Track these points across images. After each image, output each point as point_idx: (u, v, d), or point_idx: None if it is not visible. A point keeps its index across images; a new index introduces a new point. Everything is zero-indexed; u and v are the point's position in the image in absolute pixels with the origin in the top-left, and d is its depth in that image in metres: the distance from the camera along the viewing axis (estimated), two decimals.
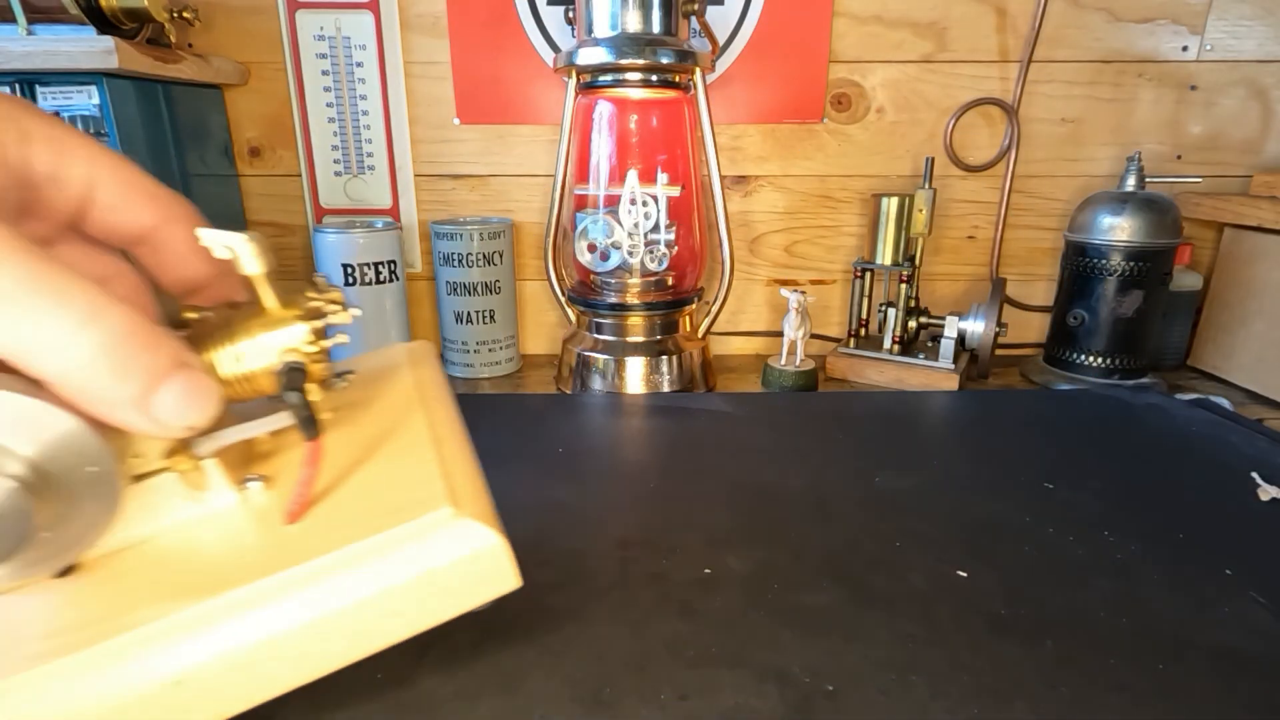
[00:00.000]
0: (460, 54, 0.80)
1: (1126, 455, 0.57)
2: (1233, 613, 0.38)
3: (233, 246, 0.24)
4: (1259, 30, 0.79)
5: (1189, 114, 0.82)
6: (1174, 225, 0.72)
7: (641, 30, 0.67)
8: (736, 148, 0.84)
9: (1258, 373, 0.76)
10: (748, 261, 0.88)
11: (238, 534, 0.26)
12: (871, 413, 0.66)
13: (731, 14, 0.79)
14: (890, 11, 0.79)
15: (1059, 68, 0.80)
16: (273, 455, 0.30)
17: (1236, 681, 0.33)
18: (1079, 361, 0.77)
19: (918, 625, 0.28)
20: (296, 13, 0.78)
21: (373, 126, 0.82)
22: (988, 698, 0.32)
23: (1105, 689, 0.32)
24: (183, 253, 0.26)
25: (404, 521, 0.25)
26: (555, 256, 0.79)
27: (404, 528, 0.25)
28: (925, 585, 0.39)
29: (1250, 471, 0.53)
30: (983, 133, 0.83)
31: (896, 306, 0.78)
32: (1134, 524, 0.46)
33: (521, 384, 0.80)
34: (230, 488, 0.27)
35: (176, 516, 0.27)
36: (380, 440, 0.30)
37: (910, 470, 0.54)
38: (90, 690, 0.22)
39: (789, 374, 0.75)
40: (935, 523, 0.46)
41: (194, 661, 0.23)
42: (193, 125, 0.76)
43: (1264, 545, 0.44)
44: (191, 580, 0.24)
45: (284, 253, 0.86)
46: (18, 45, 0.61)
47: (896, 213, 0.75)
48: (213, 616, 0.23)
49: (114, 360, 0.20)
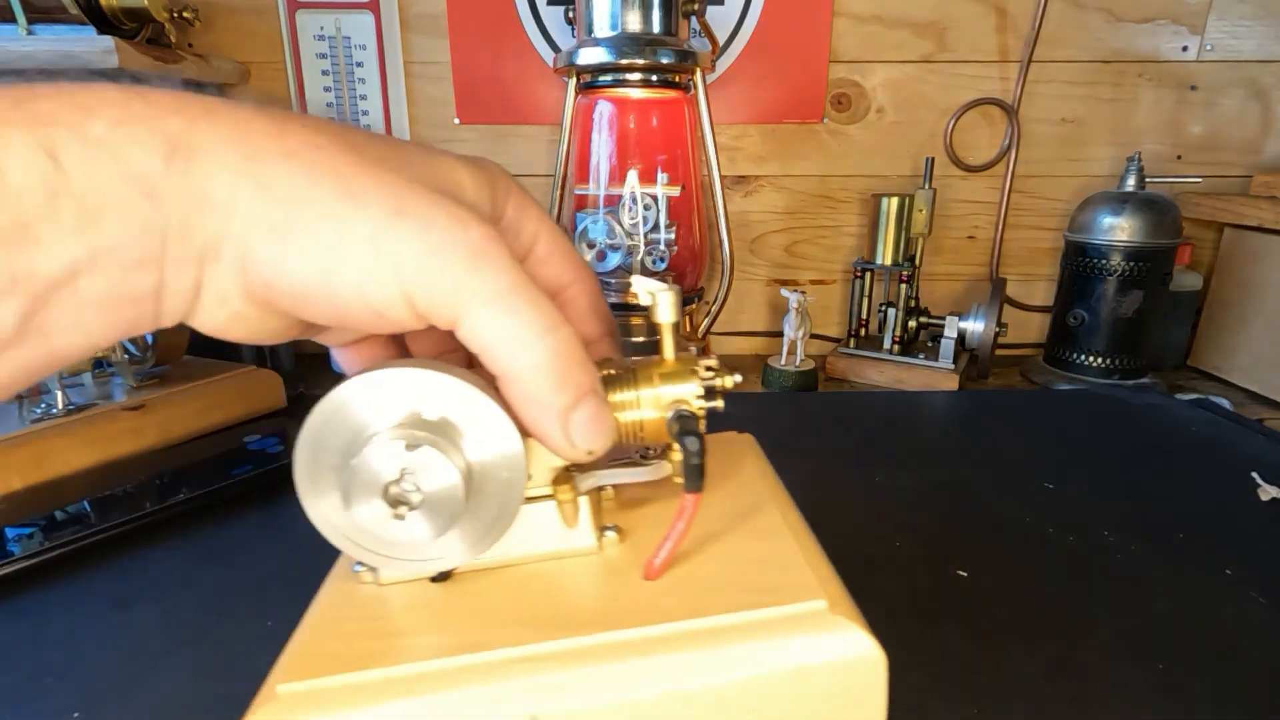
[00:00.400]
0: (460, 54, 0.80)
1: (1126, 455, 0.57)
2: (1233, 613, 0.38)
3: (655, 294, 0.27)
4: (1259, 30, 0.79)
5: (1189, 114, 0.82)
6: (1174, 225, 0.72)
7: (641, 30, 0.67)
8: (736, 148, 0.84)
9: (1258, 373, 0.76)
10: (748, 261, 0.88)
11: (594, 579, 0.27)
12: (871, 413, 0.66)
13: (731, 14, 0.79)
14: (890, 11, 0.79)
15: (1059, 68, 0.80)
16: (616, 510, 0.30)
17: (1236, 681, 0.33)
18: (1079, 361, 0.77)
19: (917, 625, 0.28)
20: (296, 13, 0.78)
21: (373, 126, 0.82)
22: (987, 697, 0.32)
23: (1105, 688, 0.32)
24: (582, 312, 0.30)
25: (774, 605, 0.24)
26: None
27: (775, 610, 0.24)
28: (925, 584, 0.40)
29: (1250, 471, 0.53)
30: (983, 133, 0.83)
31: (896, 306, 0.78)
32: (1134, 524, 0.46)
33: None
34: (592, 531, 0.28)
35: (543, 547, 0.28)
36: (733, 517, 0.29)
37: (910, 471, 0.54)
38: (449, 703, 0.22)
39: (789, 374, 0.75)
40: (935, 522, 0.46)
41: (548, 696, 0.22)
42: None
43: (1264, 545, 0.44)
44: (550, 615, 0.24)
45: None
46: (18, 45, 0.61)
47: (896, 213, 0.75)
48: (571, 658, 0.23)
49: (557, 369, 0.22)
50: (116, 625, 0.37)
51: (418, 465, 0.23)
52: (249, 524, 0.46)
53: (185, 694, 0.32)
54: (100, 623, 0.37)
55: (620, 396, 0.28)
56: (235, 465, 0.51)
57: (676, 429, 0.26)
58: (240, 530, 0.45)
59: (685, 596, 0.25)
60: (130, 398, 0.57)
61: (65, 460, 0.51)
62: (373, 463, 0.23)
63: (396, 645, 0.23)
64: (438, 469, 0.23)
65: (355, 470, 0.23)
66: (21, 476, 0.49)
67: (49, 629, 0.36)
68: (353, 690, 0.22)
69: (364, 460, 0.23)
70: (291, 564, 0.42)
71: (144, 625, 0.37)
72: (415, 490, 0.23)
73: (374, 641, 0.23)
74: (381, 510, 0.23)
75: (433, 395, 0.24)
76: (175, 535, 0.45)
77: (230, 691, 0.32)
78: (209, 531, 0.45)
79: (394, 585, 0.27)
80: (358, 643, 0.23)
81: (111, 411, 0.55)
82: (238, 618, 0.37)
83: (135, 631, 0.36)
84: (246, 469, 0.50)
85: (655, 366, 0.28)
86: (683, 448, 0.25)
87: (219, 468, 0.51)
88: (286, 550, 0.43)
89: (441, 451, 0.23)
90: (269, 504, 0.49)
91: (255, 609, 0.38)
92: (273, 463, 0.51)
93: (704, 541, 0.27)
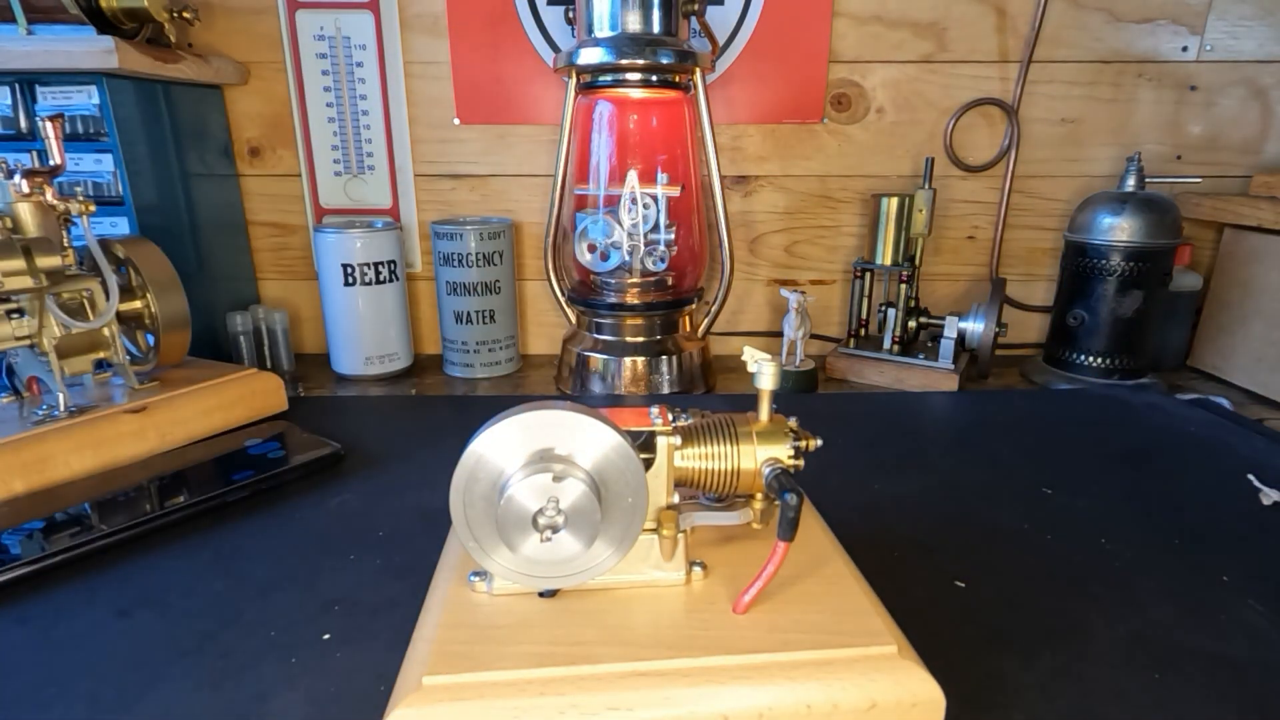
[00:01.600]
0: (460, 54, 0.80)
1: (1126, 456, 0.57)
2: (1229, 620, 0.38)
3: (760, 363, 0.31)
4: (1259, 30, 0.78)
5: (1189, 114, 0.82)
6: (1174, 225, 0.72)
7: (641, 30, 0.67)
8: (736, 148, 0.83)
9: (1257, 373, 0.76)
10: (748, 261, 0.88)
11: (684, 608, 0.30)
12: (871, 413, 0.67)
13: (731, 14, 0.79)
14: (890, 11, 0.79)
15: (1059, 68, 0.80)
16: (697, 547, 0.34)
17: (1232, 690, 0.33)
18: (1079, 361, 0.77)
19: (915, 636, 0.29)
20: (296, 13, 0.78)
21: (373, 126, 0.82)
22: (985, 708, 0.32)
23: (1102, 699, 0.32)
24: None
25: (850, 646, 0.27)
26: (555, 256, 0.79)
27: (851, 651, 0.27)
28: (923, 595, 0.40)
29: (1248, 474, 0.53)
30: (983, 133, 0.83)
31: (896, 307, 0.78)
32: (1132, 530, 0.46)
33: (521, 384, 0.80)
34: (683, 565, 0.31)
35: (640, 576, 0.31)
36: (804, 565, 0.32)
37: (909, 476, 0.54)
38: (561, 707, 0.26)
39: (789, 374, 0.75)
40: (934, 531, 0.46)
41: (649, 710, 0.26)
42: (193, 125, 0.76)
43: (1261, 551, 0.44)
44: (649, 637, 0.28)
45: (284, 253, 0.86)
46: (18, 45, 0.61)
47: (896, 213, 0.75)
48: (671, 677, 0.26)
49: None
50: (119, 634, 0.37)
51: (559, 492, 0.27)
52: (250, 530, 0.46)
53: (189, 704, 0.32)
54: (103, 631, 0.37)
55: (716, 448, 0.31)
56: (236, 470, 0.51)
57: (776, 484, 0.29)
58: (241, 538, 0.45)
59: (769, 632, 0.28)
60: (132, 400, 0.57)
61: (67, 463, 0.51)
62: (520, 499, 0.27)
63: (515, 651, 0.27)
64: (576, 492, 0.27)
65: (506, 509, 0.27)
66: (24, 479, 0.49)
67: (53, 637, 0.36)
68: (481, 687, 0.26)
69: (512, 499, 0.27)
70: (293, 572, 0.42)
71: (147, 634, 0.37)
72: (558, 514, 0.27)
73: (495, 646, 0.27)
74: (534, 538, 0.28)
75: (557, 431, 0.28)
76: (176, 541, 0.45)
77: (233, 701, 0.32)
78: (210, 537, 0.45)
79: (505, 596, 0.30)
80: (480, 647, 0.27)
81: (113, 414, 0.55)
82: (241, 626, 0.37)
83: (138, 640, 0.36)
84: (248, 474, 0.50)
85: (752, 424, 0.32)
86: (782, 501, 0.28)
87: (220, 473, 0.51)
88: (288, 557, 0.43)
89: (577, 478, 0.27)
90: (270, 509, 0.49)
91: (258, 618, 0.38)
92: (273, 468, 0.52)
93: (781, 585, 0.31)
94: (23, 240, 0.51)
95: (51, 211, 0.53)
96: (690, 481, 0.32)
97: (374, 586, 0.41)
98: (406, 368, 0.81)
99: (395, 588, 0.40)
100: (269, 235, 0.86)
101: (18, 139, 0.66)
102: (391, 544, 0.45)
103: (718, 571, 0.32)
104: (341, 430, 0.60)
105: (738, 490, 0.32)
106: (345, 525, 0.47)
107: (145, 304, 0.60)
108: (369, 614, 0.38)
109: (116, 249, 0.59)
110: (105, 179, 0.67)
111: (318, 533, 0.46)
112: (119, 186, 0.67)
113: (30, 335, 0.53)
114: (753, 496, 0.33)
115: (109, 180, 0.67)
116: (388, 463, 0.56)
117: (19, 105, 0.65)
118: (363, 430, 0.62)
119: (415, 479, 0.53)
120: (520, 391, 0.78)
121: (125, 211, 0.68)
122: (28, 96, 0.65)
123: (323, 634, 0.37)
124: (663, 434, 0.31)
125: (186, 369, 0.64)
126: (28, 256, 0.50)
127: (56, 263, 0.52)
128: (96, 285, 0.56)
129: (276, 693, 0.33)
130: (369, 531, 0.46)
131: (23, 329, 0.52)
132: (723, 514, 0.32)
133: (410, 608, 0.31)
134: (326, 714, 0.31)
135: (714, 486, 0.32)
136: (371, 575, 0.42)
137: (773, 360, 0.31)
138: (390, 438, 0.61)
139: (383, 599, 0.39)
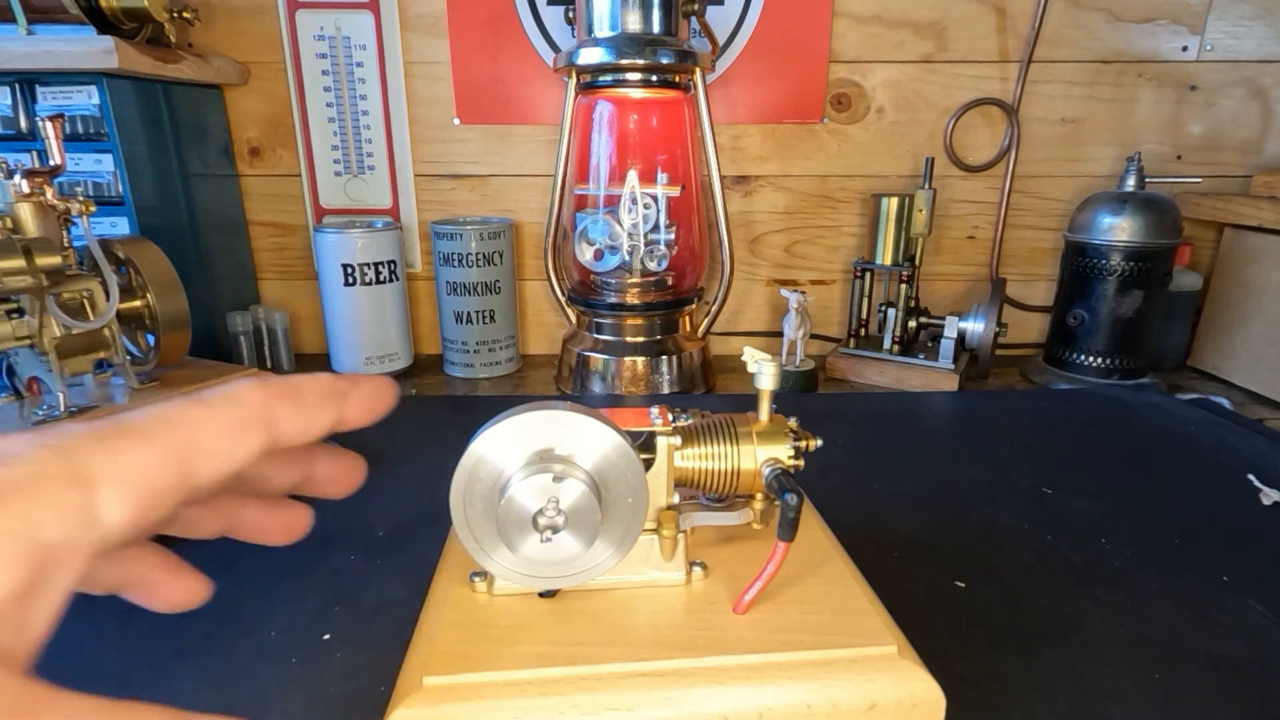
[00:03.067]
0: (460, 54, 0.80)
1: (1126, 456, 0.57)
2: (1229, 620, 0.38)
3: (760, 363, 0.30)
4: (1259, 30, 0.78)
5: (1189, 114, 0.82)
6: (1174, 225, 0.72)
7: (641, 30, 0.67)
8: (736, 148, 0.83)
9: (1258, 373, 0.76)
10: (748, 261, 0.88)
11: (684, 608, 0.30)
12: (871, 413, 0.67)
13: (731, 14, 0.79)
14: (890, 11, 0.79)
15: (1059, 68, 0.80)
16: (697, 548, 0.34)
17: (1232, 690, 0.33)
18: (1079, 361, 0.77)
19: (915, 636, 0.29)
20: (296, 13, 0.78)
21: (373, 126, 0.82)
22: (985, 709, 0.32)
23: (1101, 699, 0.32)
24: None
25: (850, 646, 0.27)
26: (555, 256, 0.79)
27: (851, 651, 0.27)
28: (923, 595, 0.40)
29: (1248, 473, 0.53)
30: (983, 133, 0.83)
31: (896, 307, 0.78)
32: (1132, 530, 0.46)
33: (521, 384, 0.80)
34: (683, 565, 0.31)
35: (640, 575, 0.31)
36: (804, 565, 0.32)
37: (909, 475, 0.54)
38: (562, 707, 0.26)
39: (789, 374, 0.75)
40: (934, 531, 0.46)
41: (650, 709, 0.26)
42: (193, 125, 0.76)
43: (1261, 550, 0.44)
44: (648, 637, 0.28)
45: (284, 253, 0.86)
46: (18, 45, 0.61)
47: (896, 213, 0.75)
48: (671, 677, 0.26)
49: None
50: (120, 635, 0.37)
51: (560, 492, 0.27)
52: None
53: (189, 704, 0.32)
54: (104, 632, 0.37)
55: (716, 448, 0.31)
56: None
57: (776, 485, 0.29)
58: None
59: (769, 632, 0.28)
60: (132, 400, 0.57)
61: None
62: (521, 499, 0.27)
63: (516, 652, 0.27)
64: (576, 492, 0.27)
65: (506, 509, 0.27)
66: None
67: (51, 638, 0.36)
68: (482, 687, 0.26)
69: (512, 499, 0.27)
70: (293, 572, 0.42)
71: (147, 634, 0.37)
72: (558, 514, 0.27)
73: (495, 647, 0.27)
74: (534, 538, 0.27)
75: (558, 431, 0.28)
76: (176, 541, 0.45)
77: (233, 701, 0.32)
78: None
79: (505, 596, 0.30)
80: (480, 647, 0.27)
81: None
82: (241, 626, 0.37)
83: (138, 641, 0.36)
84: None
85: (751, 424, 0.32)
86: (782, 502, 0.28)
87: None
88: (288, 557, 0.43)
89: (577, 478, 0.27)
90: None
91: (258, 618, 0.38)
92: None
93: (781, 585, 0.31)
94: (23, 240, 0.51)
95: (51, 211, 0.53)
96: (690, 482, 0.32)
97: (374, 586, 0.41)
98: (406, 368, 0.81)
99: (395, 588, 0.40)
100: (269, 235, 0.86)
101: (18, 139, 0.66)
102: (391, 544, 0.45)
103: (718, 572, 0.32)
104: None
105: (738, 490, 0.32)
106: (345, 525, 0.47)
107: (145, 304, 0.60)
108: (369, 614, 0.38)
109: (116, 249, 0.59)
110: (105, 179, 0.67)
111: (318, 533, 0.46)
112: (119, 186, 0.67)
113: (30, 335, 0.53)
114: (753, 497, 0.33)
115: (109, 180, 0.67)
116: (388, 463, 0.56)
117: (19, 105, 0.65)
118: (362, 430, 0.62)
119: (415, 479, 0.53)
120: (520, 391, 0.78)
121: (125, 211, 0.68)
122: (28, 96, 0.65)
123: (323, 634, 0.37)
124: (663, 434, 0.31)
125: (187, 369, 0.64)
126: (28, 256, 0.50)
127: (56, 263, 0.52)
128: (96, 285, 0.56)
129: (276, 693, 0.33)
130: (369, 531, 0.46)
131: (23, 329, 0.52)
132: (723, 514, 0.32)
133: (410, 608, 0.31)
134: (326, 714, 0.31)
135: (714, 487, 0.32)
136: (371, 575, 0.42)
137: (773, 360, 0.31)
138: (390, 438, 0.61)
139: (383, 599, 0.39)
